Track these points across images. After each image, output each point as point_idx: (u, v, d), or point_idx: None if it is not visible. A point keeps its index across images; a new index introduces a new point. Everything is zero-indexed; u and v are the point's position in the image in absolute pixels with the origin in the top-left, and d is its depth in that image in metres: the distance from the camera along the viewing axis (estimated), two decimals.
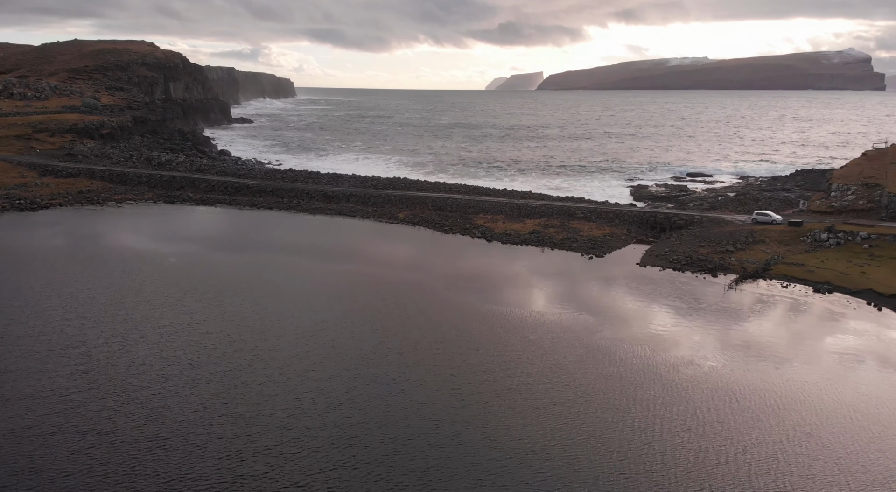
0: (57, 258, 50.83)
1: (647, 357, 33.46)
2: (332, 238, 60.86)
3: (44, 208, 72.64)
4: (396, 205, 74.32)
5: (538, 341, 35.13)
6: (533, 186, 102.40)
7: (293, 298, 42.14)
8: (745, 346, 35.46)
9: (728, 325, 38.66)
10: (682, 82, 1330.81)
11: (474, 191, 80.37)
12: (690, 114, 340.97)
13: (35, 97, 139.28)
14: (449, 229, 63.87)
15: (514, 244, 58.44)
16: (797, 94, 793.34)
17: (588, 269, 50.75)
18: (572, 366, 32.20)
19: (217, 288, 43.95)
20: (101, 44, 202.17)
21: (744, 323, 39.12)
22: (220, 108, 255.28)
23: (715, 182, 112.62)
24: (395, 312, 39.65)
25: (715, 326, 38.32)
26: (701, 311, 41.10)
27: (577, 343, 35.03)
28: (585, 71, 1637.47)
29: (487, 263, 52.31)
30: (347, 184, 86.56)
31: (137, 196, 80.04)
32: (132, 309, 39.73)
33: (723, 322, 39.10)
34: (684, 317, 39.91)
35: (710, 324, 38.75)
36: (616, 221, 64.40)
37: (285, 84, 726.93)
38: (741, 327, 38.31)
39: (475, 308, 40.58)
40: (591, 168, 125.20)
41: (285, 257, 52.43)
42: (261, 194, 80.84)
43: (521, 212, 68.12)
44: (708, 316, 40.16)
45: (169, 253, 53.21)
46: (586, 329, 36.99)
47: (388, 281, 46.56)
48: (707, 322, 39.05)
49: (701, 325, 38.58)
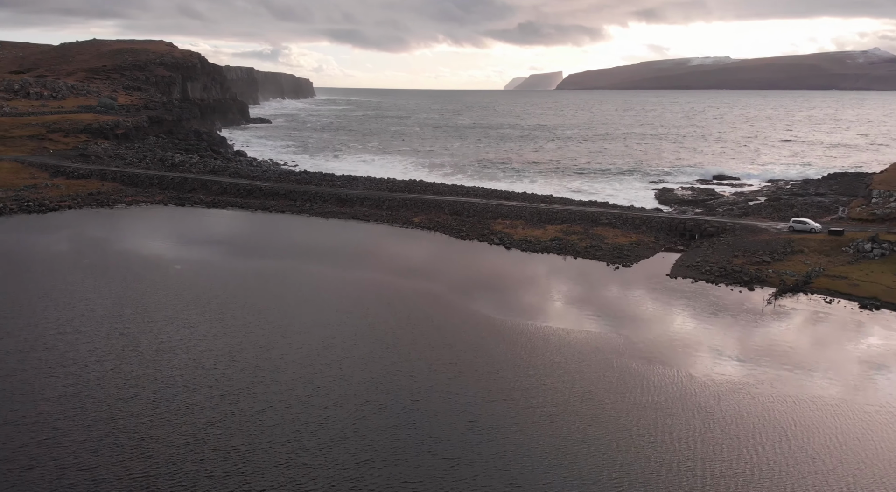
0: (59, 265, 48.83)
1: (684, 384, 30.38)
2: (344, 244, 58.33)
3: (52, 211, 71.00)
4: (412, 209, 71.65)
5: (564, 364, 32.19)
6: (553, 189, 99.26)
7: (300, 310, 39.59)
8: (792, 372, 32.22)
9: (771, 346, 35.40)
10: (703, 82, 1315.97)
11: (492, 194, 77.47)
12: (714, 114, 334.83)
13: (52, 97, 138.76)
14: (466, 235, 61.05)
15: (534, 252, 55.47)
16: (822, 94, 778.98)
17: (615, 280, 47.62)
18: (602, 394, 29.22)
19: (221, 299, 41.55)
20: (120, 43, 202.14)
21: (788, 345, 35.83)
22: (239, 109, 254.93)
23: (743, 185, 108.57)
24: (407, 328, 36.91)
25: (756, 348, 35.09)
26: (740, 330, 37.88)
27: (607, 367, 32.03)
28: (605, 71, 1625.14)
29: (506, 273, 49.41)
30: (362, 186, 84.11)
31: (148, 198, 78.22)
32: (130, 322, 37.44)
33: (765, 343, 35.85)
34: (722, 337, 36.72)
35: (751, 345, 35.53)
36: (643, 228, 61.15)
37: (304, 84, 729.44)
38: (785, 350, 35.03)
39: (494, 324, 37.73)
40: (613, 170, 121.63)
41: (294, 264, 49.98)
42: (273, 197, 78.62)
43: (542, 217, 65.10)
44: (748, 336, 36.93)
45: (174, 259, 51.01)
46: (616, 351, 33.96)
47: (401, 291, 43.87)
48: (747, 343, 35.84)
49: (741, 346, 35.38)
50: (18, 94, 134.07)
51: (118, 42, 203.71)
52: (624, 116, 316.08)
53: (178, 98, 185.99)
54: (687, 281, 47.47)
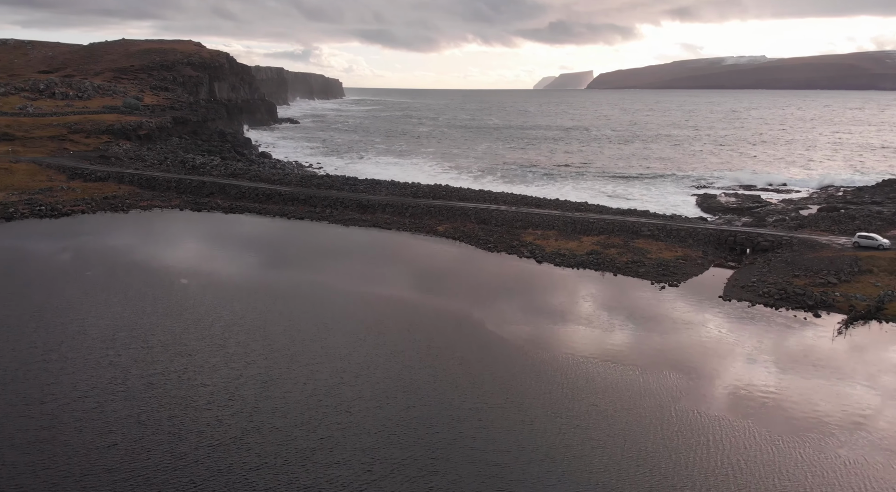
0: (59, 277, 45.61)
1: (761, 447, 25.48)
2: (363, 255, 54.28)
3: (65, 215, 68.33)
4: (436, 217, 67.37)
5: (611, 413, 27.55)
6: (587, 195, 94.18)
7: (309, 336, 35.53)
8: (881, 423, 27.11)
9: (850, 391, 30.27)
10: (738, 82, 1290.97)
11: (522, 201, 72.76)
12: (753, 115, 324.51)
13: (77, 97, 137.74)
14: (494, 247, 56.55)
15: (568, 267, 50.72)
16: (861, 94, 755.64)
17: (662, 302, 42.67)
18: (661, 455, 24.51)
19: (225, 320, 37.74)
20: (148, 43, 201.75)
21: (870, 388, 30.64)
22: (267, 109, 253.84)
23: (790, 191, 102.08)
24: (427, 360, 32.59)
25: (836, 393, 29.99)
26: (812, 368, 32.75)
27: (663, 417, 27.29)
28: (637, 70, 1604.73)
29: (538, 292, 44.77)
30: (385, 191, 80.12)
31: (164, 203, 75.26)
32: (123, 348, 33.79)
33: (844, 386, 30.71)
34: (795, 377, 31.67)
35: (830, 389, 30.43)
36: (689, 241, 55.93)
37: (334, 84, 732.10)
38: (868, 395, 29.86)
39: (526, 357, 33.20)
40: (648, 174, 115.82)
41: (307, 279, 46.02)
42: (293, 202, 75.06)
43: (577, 227, 60.26)
44: (823, 376, 31.81)
45: (181, 272, 47.46)
46: (672, 395, 29.17)
47: (421, 313, 39.60)
48: (825, 386, 30.74)
49: (819, 391, 30.30)
50: (44, 93, 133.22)
51: (146, 42, 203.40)
52: (657, 117, 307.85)
53: (205, 98, 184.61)
54: (743, 305, 42.33)
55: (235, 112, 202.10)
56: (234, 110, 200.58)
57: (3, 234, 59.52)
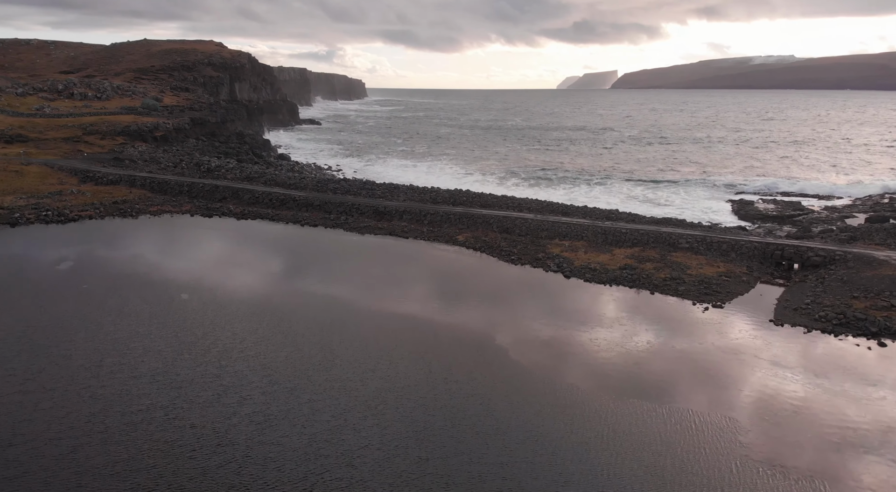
0: (52, 290, 42.67)
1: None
2: (378, 267, 50.70)
3: (72, 221, 65.87)
4: (456, 225, 63.61)
5: (658, 469, 23.52)
6: (616, 200, 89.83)
7: (314, 365, 31.96)
8: None
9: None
10: (766, 82, 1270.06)
11: (548, 208, 68.64)
12: (783, 115, 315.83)
13: (96, 97, 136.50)
14: (517, 259, 52.59)
15: (600, 283, 46.56)
16: (893, 95, 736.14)
17: (706, 327, 38.40)
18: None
19: (224, 344, 34.37)
20: (170, 44, 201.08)
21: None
22: (288, 110, 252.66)
23: (831, 198, 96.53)
24: (445, 398, 28.81)
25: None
26: (889, 409, 28.35)
27: (727, 472, 23.20)
28: (662, 69, 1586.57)
29: (568, 313, 40.73)
30: (403, 196, 76.59)
31: (175, 208, 72.53)
32: (109, 377, 30.54)
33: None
34: (875, 430, 27.30)
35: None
36: (731, 255, 51.43)
37: (357, 85, 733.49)
38: None
39: (556, 395, 29.25)
40: (680, 178, 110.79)
41: (315, 295, 42.53)
42: (307, 208, 71.83)
43: (608, 238, 56.05)
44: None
45: (183, 285, 44.26)
46: (735, 447, 25.01)
47: (439, 336, 35.82)
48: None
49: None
50: (62, 94, 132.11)
51: (168, 42, 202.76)
52: (685, 117, 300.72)
53: (226, 99, 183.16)
54: (798, 331, 37.90)
55: (256, 113, 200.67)
56: (254, 111, 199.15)
57: (5, 241, 57.06)
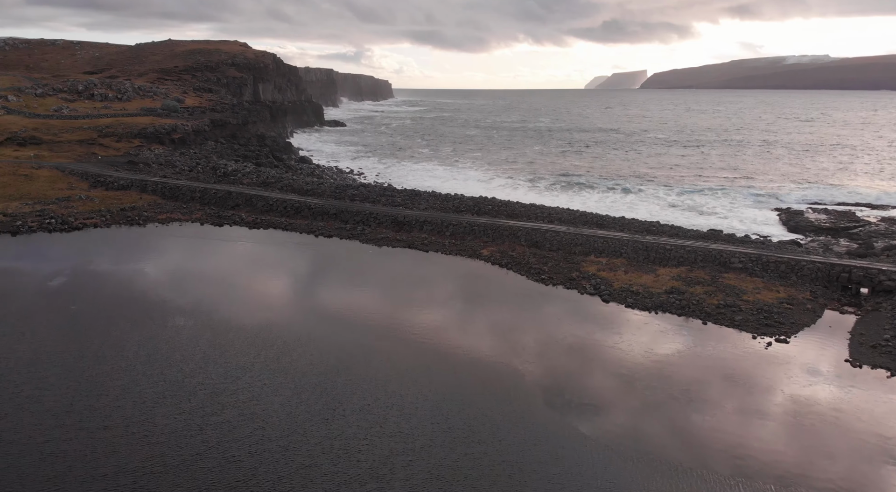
0: (36, 312, 38.82)
1: None
2: (393, 287, 46.08)
3: (76, 230, 62.40)
4: (480, 237, 58.68)
5: None
6: (656, 208, 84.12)
7: (313, 416, 27.33)
8: None
9: None
10: (800, 82, 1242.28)
11: (581, 219, 63.33)
12: (822, 117, 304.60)
13: (117, 98, 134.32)
14: (549, 278, 47.44)
15: (643, 309, 41.24)
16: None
17: (771, 369, 32.93)
18: None
19: (213, 384, 29.96)
20: (194, 44, 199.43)
21: None
22: (313, 111, 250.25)
23: (886, 207, 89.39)
24: (466, 463, 23.94)
25: None
26: None
27: None
28: (693, 69, 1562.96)
29: (608, 348, 35.55)
30: (424, 204, 71.92)
31: (185, 215, 68.82)
32: (76, 427, 26.32)
33: None
34: None
35: None
36: (791, 277, 45.66)
37: (383, 85, 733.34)
38: None
39: (606, 465, 24.20)
40: (719, 185, 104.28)
41: (322, 322, 38.01)
42: (322, 217, 67.54)
43: (650, 255, 50.60)
44: None
45: (179, 308, 40.08)
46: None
47: (459, 380, 30.97)
48: None
49: None
50: (82, 95, 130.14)
51: (192, 42, 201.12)
52: (720, 119, 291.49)
53: (249, 100, 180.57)
54: (881, 374, 32.27)
55: (280, 114, 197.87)
56: (278, 112, 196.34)
57: (2, 252, 53.67)
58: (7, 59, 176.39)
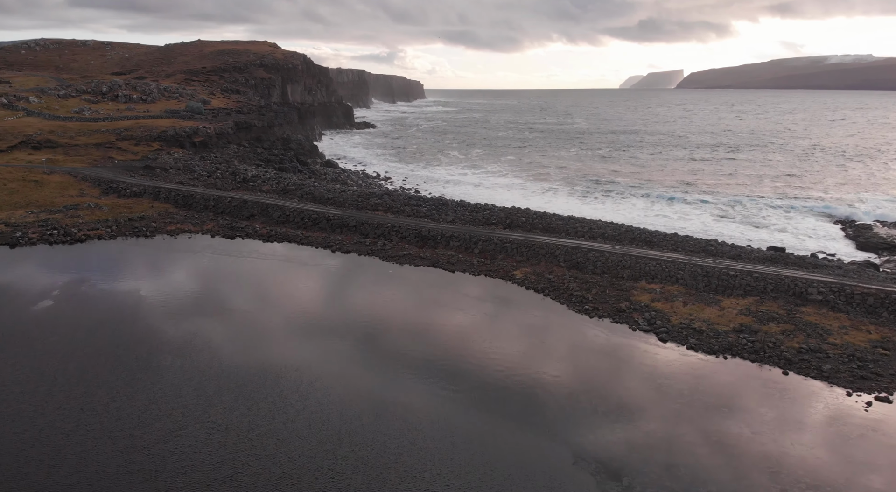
0: (16, 345, 34.06)
1: None
2: (411, 318, 40.42)
3: (78, 242, 58.15)
4: (513, 256, 52.56)
5: None
6: (708, 219, 77.15)
7: None
8: None
9: None
10: (842, 82, 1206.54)
11: (627, 235, 56.77)
12: (869, 118, 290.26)
13: (141, 99, 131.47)
14: (593, 309, 41.16)
15: (709, 353, 34.73)
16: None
17: (878, 445, 26.25)
18: None
19: (186, 453, 24.59)
20: (223, 44, 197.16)
21: None
22: (343, 112, 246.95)
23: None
24: None
25: None
26: None
27: None
28: (731, 69, 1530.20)
29: (674, 406, 29.24)
30: (452, 214, 66.16)
31: (196, 226, 64.18)
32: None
33: None
34: None
35: None
36: (882, 313, 38.60)
37: (415, 86, 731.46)
38: None
39: None
40: (775, 194, 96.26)
41: (328, 364, 32.45)
42: (341, 229, 62.21)
43: (711, 282, 43.90)
44: None
45: (169, 341, 34.96)
46: None
47: (489, 448, 25.04)
48: None
49: None
50: (106, 96, 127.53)
51: (221, 43, 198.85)
52: (764, 121, 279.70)
53: (277, 101, 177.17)
54: None
55: (308, 116, 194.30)
56: (306, 114, 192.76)
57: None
58: (37, 60, 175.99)
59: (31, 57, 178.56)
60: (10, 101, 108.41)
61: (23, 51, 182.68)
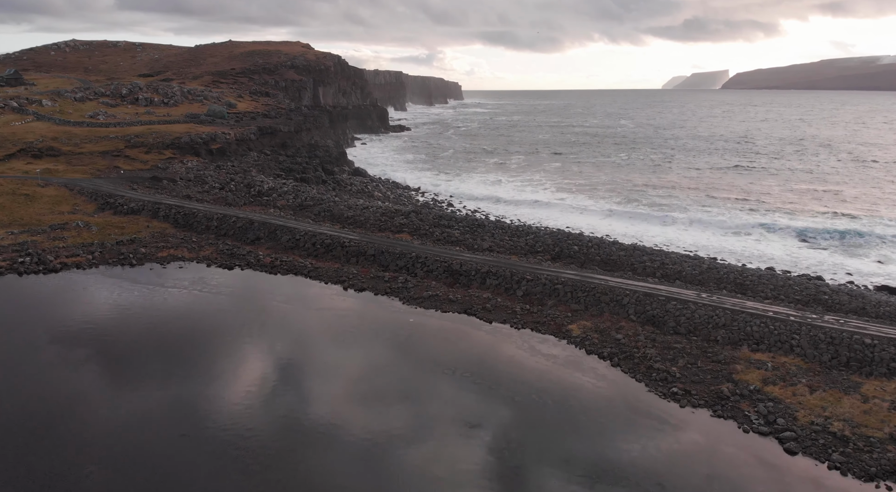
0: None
1: None
2: (433, 394, 30.24)
3: (52, 272, 49.51)
4: (566, 301, 41.69)
5: None
6: (790, 246, 65.11)
7: None
8: None
9: None
10: (895, 83, 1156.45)
11: (712, 276, 45.46)
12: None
13: (163, 103, 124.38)
14: (683, 392, 30.14)
15: (863, 478, 23.63)
16: None
17: None
18: None
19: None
20: (254, 45, 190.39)
21: None
22: (378, 115, 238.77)
23: None
24: None
25: None
26: None
27: None
28: (779, 69, 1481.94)
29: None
30: (489, 239, 55.93)
31: (192, 252, 55.16)
32: None
33: None
34: None
35: None
36: None
37: (453, 87, 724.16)
38: None
39: None
40: (867, 214, 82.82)
41: (308, 449, 22.45)
42: (357, 259, 52.30)
43: (840, 353, 32.40)
44: None
45: (109, 448, 25.46)
46: None
47: None
48: None
49: None
50: (126, 99, 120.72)
51: (252, 43, 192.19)
52: (826, 126, 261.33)
53: (308, 104, 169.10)
54: None
55: (340, 119, 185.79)
56: (338, 117, 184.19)
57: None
58: (66, 61, 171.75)
59: (61, 58, 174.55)
60: (22, 105, 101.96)
61: (52, 52, 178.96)
